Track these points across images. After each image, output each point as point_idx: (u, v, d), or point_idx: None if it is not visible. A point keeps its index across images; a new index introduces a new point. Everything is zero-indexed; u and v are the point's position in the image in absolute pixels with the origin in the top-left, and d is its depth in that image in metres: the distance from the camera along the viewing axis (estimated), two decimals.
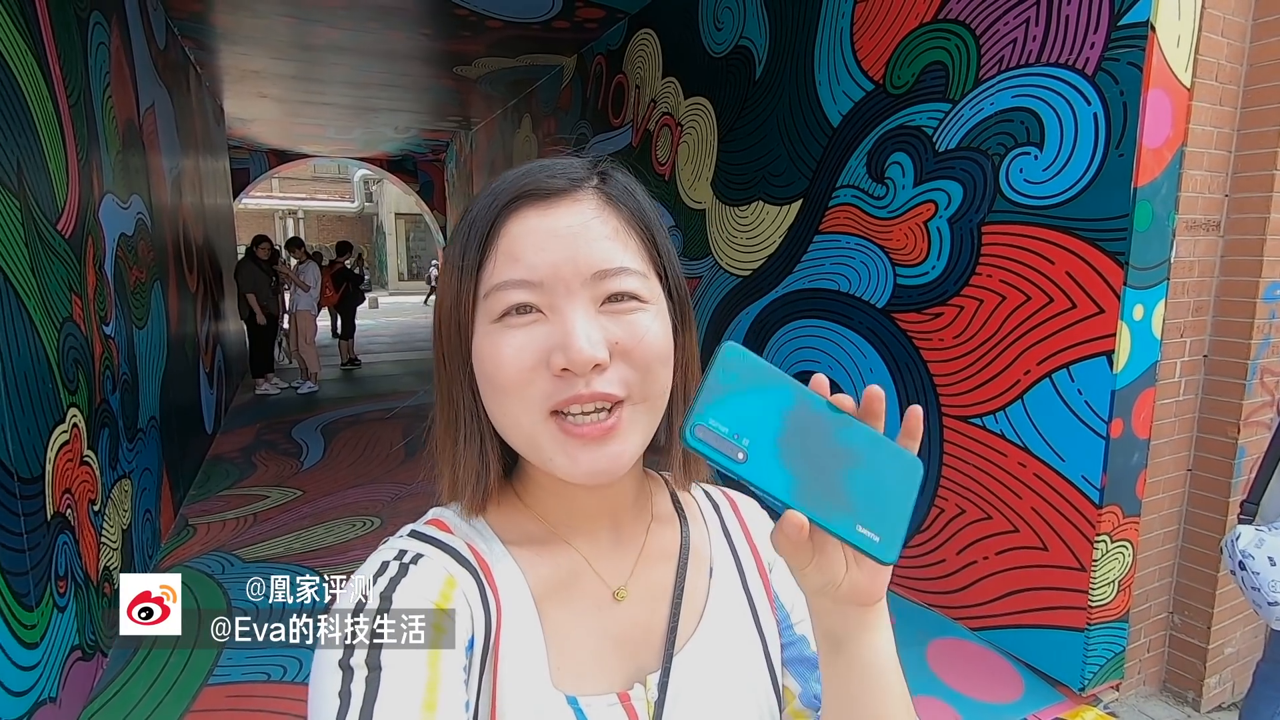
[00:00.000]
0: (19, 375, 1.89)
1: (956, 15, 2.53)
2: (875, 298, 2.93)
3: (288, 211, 22.10)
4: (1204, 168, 2.18)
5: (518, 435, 0.48)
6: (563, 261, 0.45)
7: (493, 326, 0.46)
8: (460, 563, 0.49)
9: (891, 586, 2.69)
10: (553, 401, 0.45)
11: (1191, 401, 2.33)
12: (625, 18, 4.80)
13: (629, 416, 0.46)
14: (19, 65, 2.05)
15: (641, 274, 0.48)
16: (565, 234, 0.46)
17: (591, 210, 0.48)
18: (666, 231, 0.53)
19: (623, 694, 0.50)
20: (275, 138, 9.95)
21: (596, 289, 0.46)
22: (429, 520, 0.53)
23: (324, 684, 0.41)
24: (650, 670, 0.51)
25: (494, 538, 0.52)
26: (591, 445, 0.45)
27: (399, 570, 0.46)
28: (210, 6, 4.70)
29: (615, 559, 0.54)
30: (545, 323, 0.46)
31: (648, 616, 0.53)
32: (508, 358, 0.45)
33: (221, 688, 2.27)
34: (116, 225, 3.00)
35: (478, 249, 0.47)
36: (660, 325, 0.48)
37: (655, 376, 0.47)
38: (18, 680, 1.73)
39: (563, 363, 0.44)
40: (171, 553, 3.35)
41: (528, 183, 0.48)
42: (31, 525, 1.87)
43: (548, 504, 0.53)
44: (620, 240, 0.48)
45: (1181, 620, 2.41)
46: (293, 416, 6.13)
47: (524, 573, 0.51)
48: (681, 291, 0.53)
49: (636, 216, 0.50)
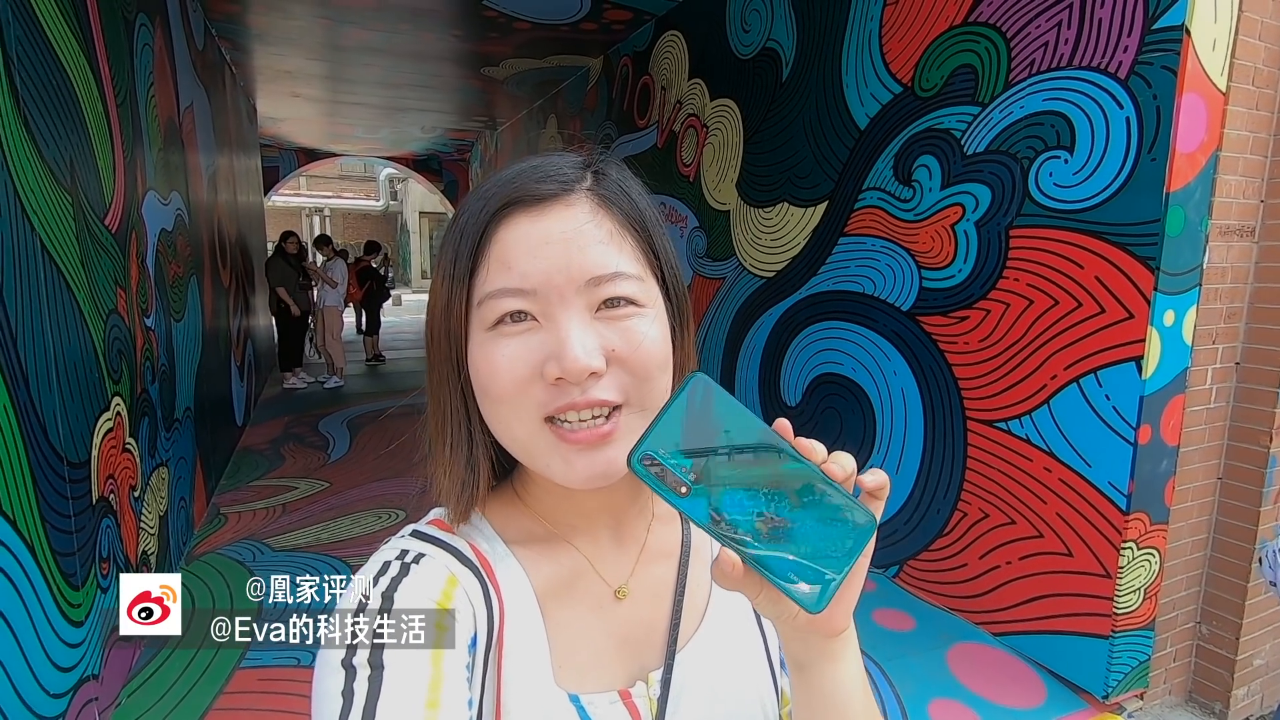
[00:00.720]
0: (69, 364, 1.96)
1: (987, 18, 2.52)
2: (900, 300, 2.93)
3: (314, 209, 22.43)
4: (1239, 173, 2.16)
5: (513, 443, 0.48)
6: (556, 269, 0.45)
7: (487, 335, 0.46)
8: (462, 561, 0.49)
9: (913, 589, 2.68)
10: (548, 409, 0.45)
11: (1223, 409, 2.31)
12: (652, 19, 4.82)
13: (626, 422, 0.46)
14: (73, 66, 2.13)
15: (637, 277, 0.47)
16: (558, 240, 0.45)
17: (585, 214, 0.47)
18: (664, 228, 0.52)
19: (624, 692, 0.50)
20: (305, 136, 10.13)
21: (591, 295, 0.45)
22: (431, 520, 0.53)
23: (327, 683, 0.41)
24: (652, 668, 0.52)
25: (495, 537, 0.52)
26: (587, 451, 0.45)
27: (400, 570, 0.46)
28: (247, 8, 4.81)
29: (616, 558, 0.54)
30: (540, 330, 0.45)
31: (649, 615, 0.54)
32: (502, 367, 0.45)
33: (254, 670, 2.34)
34: (158, 221, 3.09)
35: (470, 256, 0.47)
36: (658, 329, 0.47)
37: (653, 383, 0.47)
38: (64, 656, 1.80)
39: (557, 372, 0.44)
40: (205, 540, 3.44)
41: (517, 187, 0.47)
42: (79, 508, 1.95)
43: (548, 504, 0.53)
44: (615, 244, 0.47)
45: (1209, 630, 2.39)
46: (319, 410, 6.25)
47: (526, 572, 0.51)
48: (679, 291, 0.52)
49: (631, 217, 0.49)
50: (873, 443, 3.12)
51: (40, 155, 1.85)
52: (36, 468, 1.71)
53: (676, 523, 0.59)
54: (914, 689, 2.29)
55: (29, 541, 1.65)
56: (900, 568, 2.98)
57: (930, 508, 2.84)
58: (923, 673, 2.38)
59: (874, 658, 2.45)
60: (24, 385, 1.68)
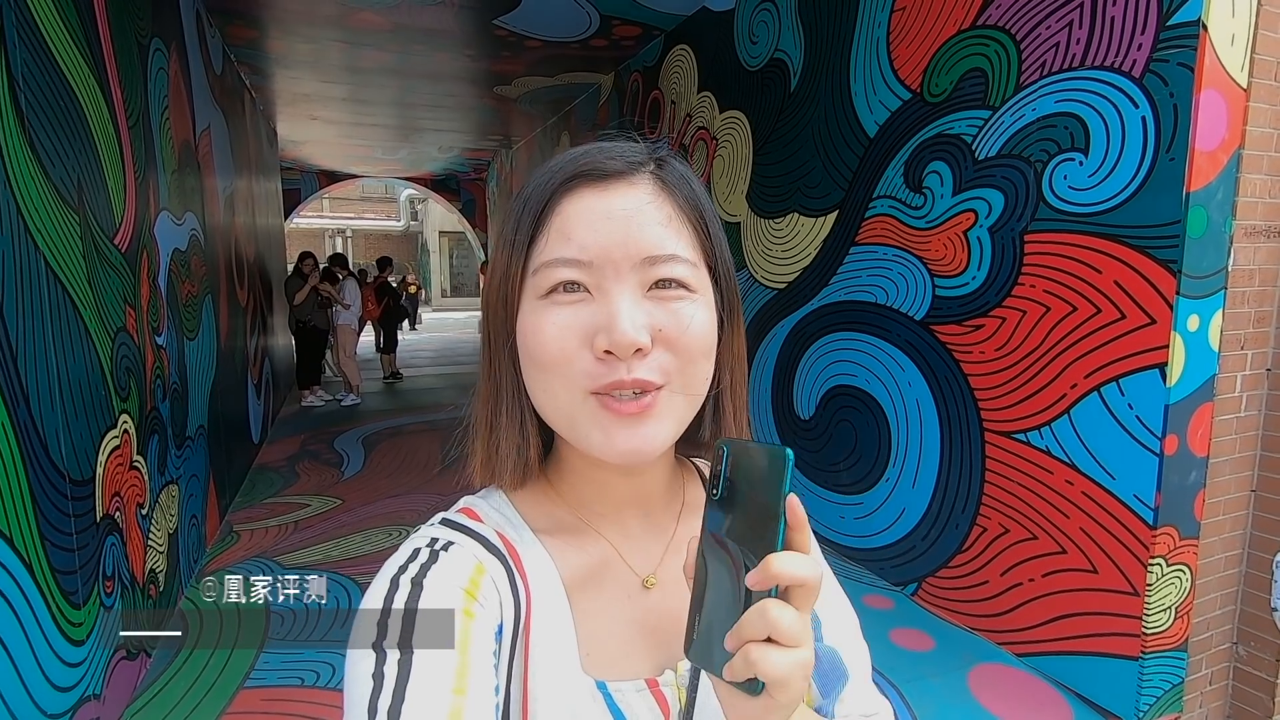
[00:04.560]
0: (73, 381, 1.97)
1: (996, 21, 2.47)
2: (913, 309, 2.86)
3: (336, 230, 22.84)
4: (1263, 171, 2.08)
5: (555, 413, 0.48)
6: (614, 244, 0.46)
7: (539, 302, 0.47)
8: (490, 550, 0.49)
9: (932, 608, 2.59)
10: (595, 384, 0.45)
11: (1254, 418, 2.21)
12: (661, 34, 4.84)
13: (666, 400, 0.46)
14: (82, 88, 2.16)
15: (691, 263, 0.48)
16: (619, 216, 0.46)
17: (647, 195, 0.48)
18: (720, 224, 0.53)
19: (651, 680, 0.50)
20: (325, 159, 10.33)
21: (645, 274, 0.46)
22: (460, 509, 0.54)
23: (359, 665, 0.42)
24: (680, 658, 0.51)
25: (524, 525, 0.52)
26: (628, 423, 0.45)
27: (430, 556, 0.47)
28: (264, 33, 4.92)
29: (645, 547, 0.54)
30: (591, 303, 0.46)
31: (678, 604, 0.52)
32: (551, 335, 0.46)
33: (258, 690, 2.32)
34: (170, 240, 3.13)
35: (531, 225, 0.48)
36: (706, 316, 0.48)
37: (696, 367, 0.47)
38: (63, 676, 1.79)
39: (605, 344, 0.44)
40: (216, 557, 3.45)
41: (586, 162, 0.48)
42: (81, 526, 1.95)
43: (580, 490, 0.54)
44: (673, 227, 0.48)
45: (1247, 651, 2.27)
46: (336, 428, 6.28)
47: (554, 560, 0.51)
48: (731, 284, 0.53)
49: (691, 205, 0.50)
50: (888, 456, 3.04)
51: (46, 175, 1.88)
52: (36, 485, 1.71)
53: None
54: (934, 712, 2.20)
55: (26, 560, 1.64)
56: (918, 585, 2.88)
57: (949, 523, 2.75)
58: (943, 695, 2.29)
59: (892, 679, 2.36)
60: (24, 403, 1.68)
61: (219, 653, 2.53)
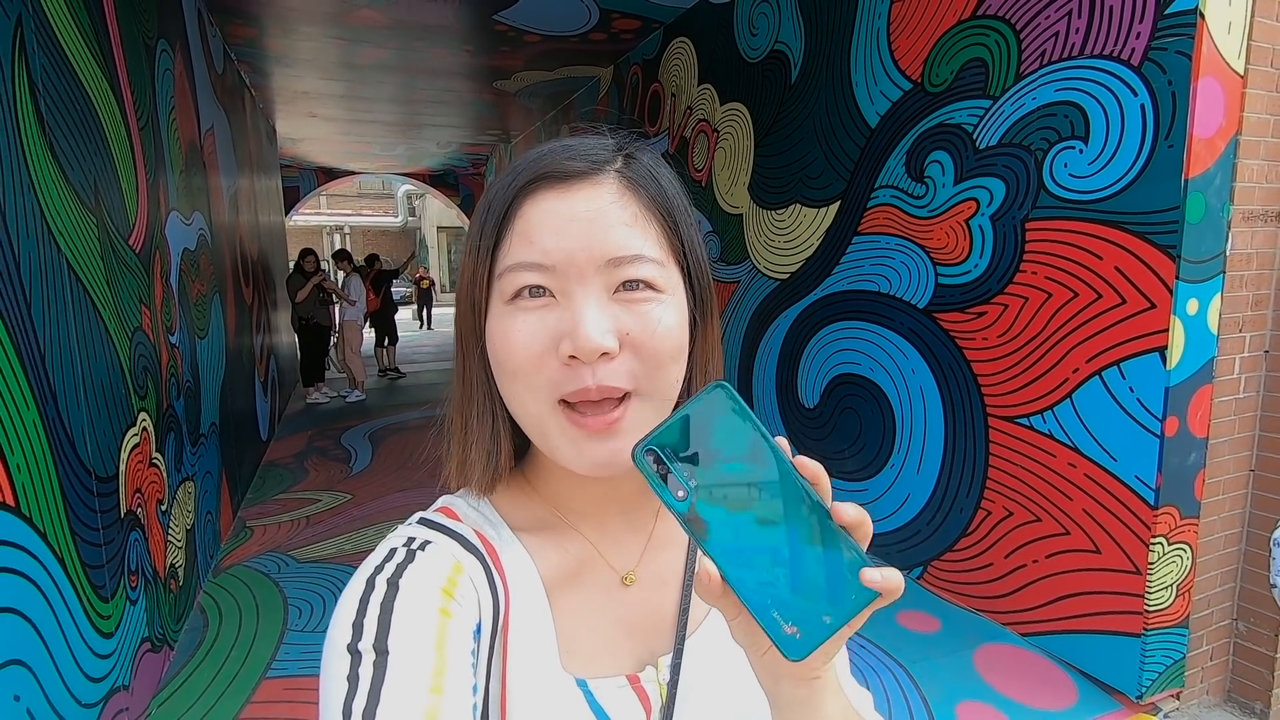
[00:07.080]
0: (96, 381, 2.01)
1: (996, 11, 2.50)
2: (916, 298, 2.90)
3: (335, 227, 22.83)
4: (1261, 157, 2.11)
5: (527, 419, 0.48)
6: (577, 247, 0.45)
7: (505, 307, 0.46)
8: (468, 549, 0.49)
9: (938, 590, 2.63)
10: (561, 392, 0.45)
11: (1253, 399, 2.25)
12: (660, 27, 4.85)
13: (635, 410, 0.45)
14: (95, 91, 2.19)
15: (659, 262, 0.47)
16: (582, 218, 0.45)
17: (610, 195, 0.47)
18: (692, 218, 0.51)
19: (632, 676, 0.50)
20: (324, 155, 10.31)
21: (611, 276, 0.45)
22: (438, 508, 0.53)
23: (333, 668, 0.41)
24: (660, 653, 0.52)
25: (502, 524, 0.52)
26: (597, 438, 0.45)
27: (406, 556, 0.46)
28: (264, 31, 4.92)
29: (624, 544, 0.54)
30: (557, 307, 0.45)
31: (657, 601, 0.53)
32: (517, 341, 0.45)
33: (280, 680, 2.37)
34: (180, 240, 3.16)
35: (495, 228, 0.47)
36: (675, 317, 0.47)
37: (665, 371, 0.46)
38: (96, 667, 1.84)
39: (570, 349, 0.43)
40: (231, 552, 3.50)
41: (547, 164, 0.47)
42: (107, 521, 1.99)
43: (557, 489, 0.53)
44: (639, 227, 0.47)
45: (1247, 627, 2.32)
46: (342, 424, 6.33)
47: (532, 558, 0.51)
48: (704, 281, 0.51)
49: (658, 202, 0.49)
50: (893, 442, 3.09)
51: (65, 178, 1.91)
52: (65, 482, 1.76)
53: None
54: (941, 692, 2.26)
55: (59, 554, 1.69)
56: (924, 569, 2.94)
57: (953, 507, 2.80)
58: (949, 675, 2.34)
59: (900, 660, 2.41)
60: (53, 401, 1.72)
61: (240, 644, 2.58)
